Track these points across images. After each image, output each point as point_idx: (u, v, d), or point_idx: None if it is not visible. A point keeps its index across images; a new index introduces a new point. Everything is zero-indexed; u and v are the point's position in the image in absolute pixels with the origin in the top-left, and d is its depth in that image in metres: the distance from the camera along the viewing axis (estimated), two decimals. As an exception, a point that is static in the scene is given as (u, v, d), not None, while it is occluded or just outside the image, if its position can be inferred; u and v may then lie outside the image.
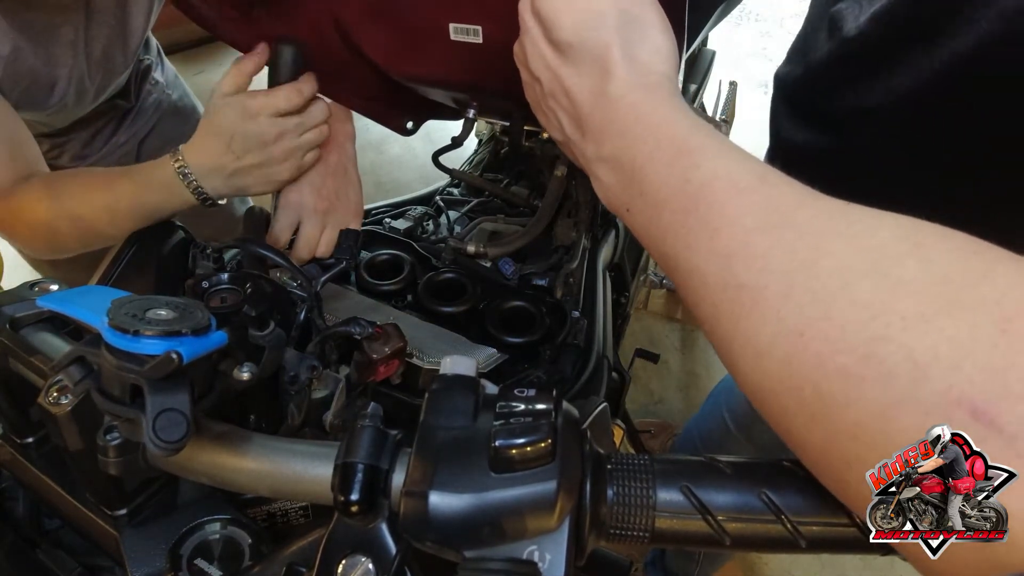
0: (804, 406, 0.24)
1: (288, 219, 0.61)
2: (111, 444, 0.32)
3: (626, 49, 0.35)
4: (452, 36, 0.53)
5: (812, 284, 0.24)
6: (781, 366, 0.24)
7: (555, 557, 0.24)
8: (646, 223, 0.32)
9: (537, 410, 0.26)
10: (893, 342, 0.22)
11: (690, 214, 0.29)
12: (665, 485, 0.26)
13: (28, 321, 0.38)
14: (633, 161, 0.33)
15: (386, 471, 0.27)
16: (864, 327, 0.22)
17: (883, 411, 0.21)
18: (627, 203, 0.34)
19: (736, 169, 0.29)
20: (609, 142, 0.34)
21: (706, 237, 0.28)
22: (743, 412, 0.82)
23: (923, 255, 0.23)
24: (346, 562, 0.27)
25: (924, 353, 0.21)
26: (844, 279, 0.24)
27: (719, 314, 0.28)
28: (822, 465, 0.25)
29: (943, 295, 0.22)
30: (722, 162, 0.29)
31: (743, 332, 0.26)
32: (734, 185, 0.28)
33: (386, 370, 0.42)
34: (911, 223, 0.25)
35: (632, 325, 1.67)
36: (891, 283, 0.23)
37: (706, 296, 0.28)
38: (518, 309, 0.63)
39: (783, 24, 2.76)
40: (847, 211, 0.26)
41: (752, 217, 0.27)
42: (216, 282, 0.40)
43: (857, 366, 0.22)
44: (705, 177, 0.29)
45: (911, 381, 0.21)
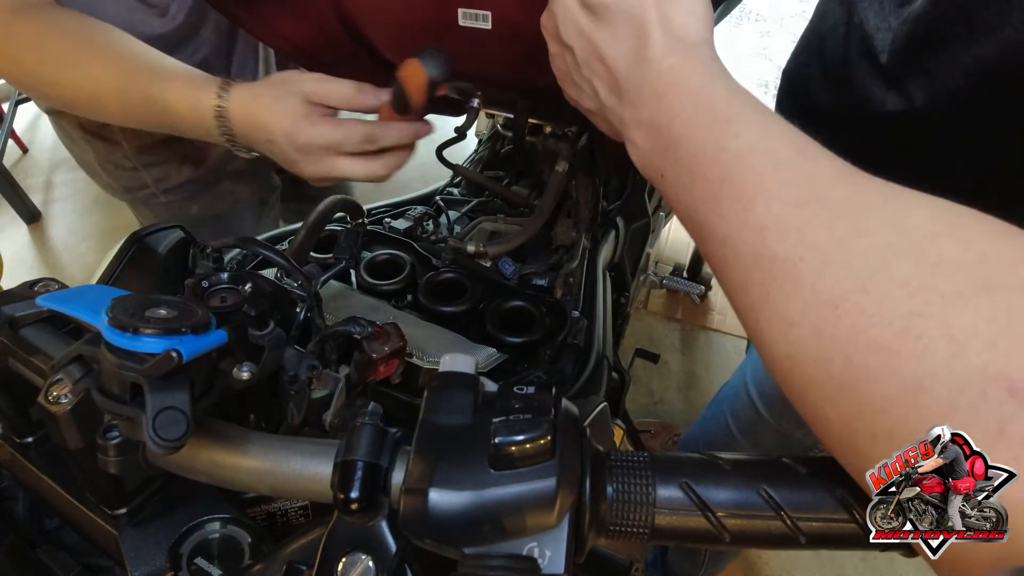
0: (832, 378, 0.24)
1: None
2: (111, 443, 0.32)
3: (663, 11, 0.34)
4: (460, 22, 0.52)
5: (849, 259, 0.24)
6: (812, 337, 0.24)
7: (555, 554, 0.24)
8: (679, 190, 0.32)
9: (536, 407, 0.26)
10: (932, 319, 0.22)
11: (724, 184, 0.29)
12: (665, 482, 0.26)
13: (28, 320, 0.38)
14: (670, 126, 0.32)
15: (386, 469, 0.27)
16: (902, 303, 0.22)
17: (917, 384, 0.21)
18: (661, 169, 0.34)
19: (775, 141, 0.29)
20: (646, 106, 0.34)
21: (740, 208, 0.28)
22: (747, 418, 0.82)
23: (960, 235, 0.23)
24: (346, 560, 0.27)
25: (962, 330, 0.21)
26: (882, 256, 0.24)
27: (749, 284, 0.27)
28: (845, 440, 0.24)
29: (981, 275, 0.22)
30: (761, 133, 0.29)
31: (773, 302, 0.26)
32: (772, 157, 0.28)
33: (386, 369, 0.42)
34: (947, 204, 0.25)
35: (632, 325, 1.67)
36: (930, 262, 0.23)
37: (736, 265, 0.28)
38: (518, 309, 0.63)
39: (783, 24, 2.77)
40: (884, 190, 0.26)
41: (789, 191, 0.27)
42: (216, 281, 0.40)
43: (892, 340, 0.22)
44: (742, 147, 0.29)
45: (948, 356, 0.21)
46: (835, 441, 0.25)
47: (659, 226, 1.05)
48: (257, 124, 0.52)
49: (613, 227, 0.81)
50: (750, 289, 0.27)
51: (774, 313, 0.26)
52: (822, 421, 0.25)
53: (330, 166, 0.52)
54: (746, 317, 0.28)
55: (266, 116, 0.51)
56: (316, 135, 0.51)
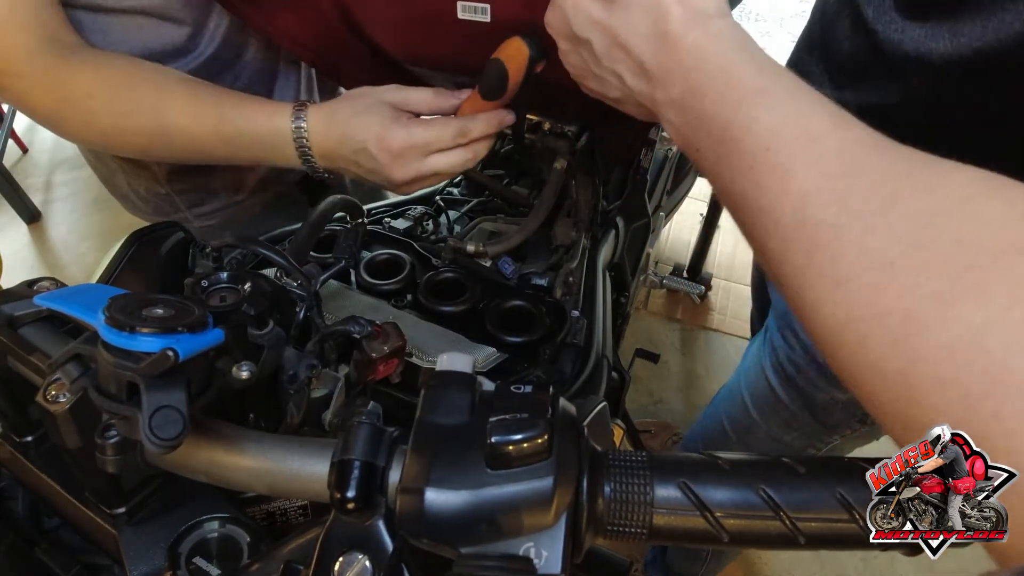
0: (889, 331, 0.24)
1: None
2: (109, 442, 0.32)
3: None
4: (459, 15, 0.52)
5: (896, 221, 0.25)
6: (866, 294, 0.25)
7: (551, 554, 0.24)
8: (715, 163, 0.33)
9: (533, 406, 0.26)
10: (992, 269, 0.22)
11: (759, 157, 0.29)
12: (663, 481, 0.26)
13: (27, 319, 0.38)
14: (702, 103, 0.33)
15: (383, 468, 0.27)
16: (957, 257, 0.23)
17: (982, 327, 0.22)
18: (696, 144, 0.34)
19: (807, 113, 0.29)
20: (676, 85, 0.34)
21: (777, 179, 0.28)
22: (740, 420, 0.82)
23: (1004, 196, 0.24)
24: (343, 559, 0.27)
25: (1020, 279, 0.22)
26: (931, 217, 0.24)
27: (790, 251, 0.28)
28: (903, 393, 0.24)
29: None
30: (792, 106, 0.30)
31: (818, 264, 0.26)
32: (805, 131, 0.28)
33: (385, 369, 0.42)
34: (980, 171, 0.25)
35: (632, 325, 1.67)
36: (980, 220, 0.24)
37: (776, 233, 0.29)
38: (518, 309, 0.63)
39: (783, 24, 2.76)
40: (919, 156, 0.27)
41: (827, 163, 0.27)
42: (215, 281, 0.40)
43: (953, 291, 0.23)
44: (775, 121, 0.29)
45: (1011, 301, 0.22)
46: (892, 395, 0.25)
47: (659, 226, 1.05)
48: (343, 139, 0.52)
49: (613, 227, 0.81)
50: (791, 256, 0.28)
51: (820, 275, 0.26)
52: (878, 377, 0.25)
53: (421, 166, 0.53)
54: (788, 284, 0.29)
55: (352, 129, 0.52)
56: (410, 136, 0.51)
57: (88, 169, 0.83)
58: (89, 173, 0.82)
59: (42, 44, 0.51)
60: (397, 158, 0.52)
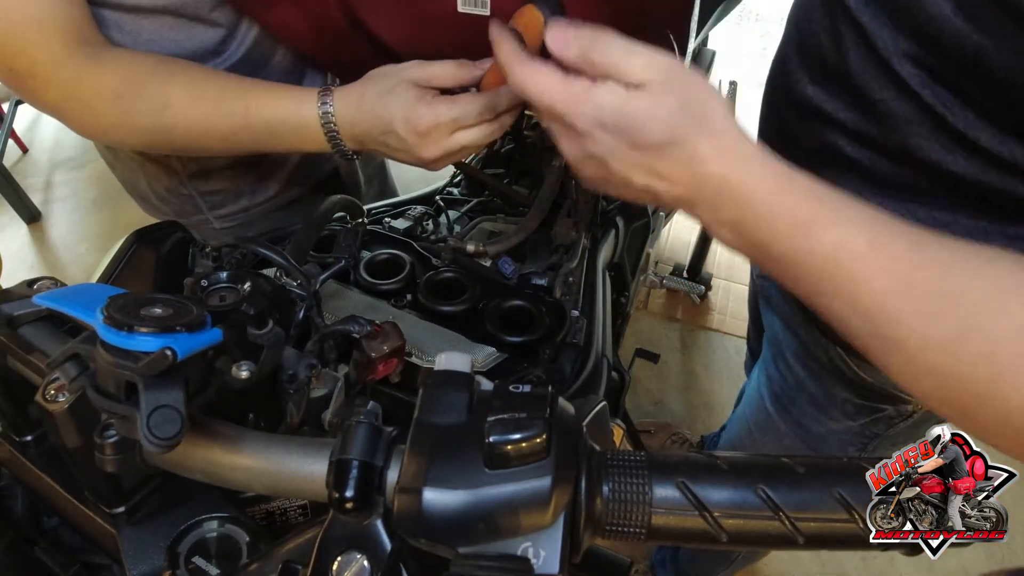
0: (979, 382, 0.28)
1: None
2: (108, 442, 0.32)
3: (704, 128, 0.35)
4: (460, 8, 0.52)
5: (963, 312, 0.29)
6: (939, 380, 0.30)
7: (549, 553, 0.24)
8: (780, 277, 0.36)
9: (531, 406, 0.26)
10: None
11: (823, 282, 0.33)
12: (661, 481, 0.26)
13: (26, 319, 0.38)
14: (755, 234, 0.35)
15: (381, 467, 0.27)
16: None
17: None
18: (755, 260, 0.37)
19: (850, 236, 0.32)
20: (725, 211, 0.35)
21: (843, 302, 0.33)
22: (747, 447, 0.83)
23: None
24: (341, 559, 0.27)
25: None
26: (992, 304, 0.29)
27: (869, 350, 0.33)
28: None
29: None
30: (838, 232, 0.32)
31: (895, 364, 0.32)
32: (852, 253, 0.32)
33: (385, 368, 0.42)
34: (1016, 255, 0.30)
35: (632, 325, 1.67)
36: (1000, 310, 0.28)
37: (852, 335, 0.33)
38: (517, 308, 0.63)
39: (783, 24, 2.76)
40: (962, 248, 0.31)
41: (878, 280, 0.31)
42: (215, 280, 0.40)
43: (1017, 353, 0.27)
44: (827, 249, 0.32)
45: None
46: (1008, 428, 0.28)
47: (659, 226, 1.05)
48: (372, 120, 0.52)
49: (613, 227, 0.81)
50: (870, 352, 0.33)
51: (902, 367, 0.31)
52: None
53: (449, 143, 0.53)
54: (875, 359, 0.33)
55: (380, 110, 0.52)
56: (438, 115, 0.51)
57: (88, 169, 0.83)
58: (89, 173, 0.82)
59: (70, 49, 0.51)
60: (425, 137, 0.52)
